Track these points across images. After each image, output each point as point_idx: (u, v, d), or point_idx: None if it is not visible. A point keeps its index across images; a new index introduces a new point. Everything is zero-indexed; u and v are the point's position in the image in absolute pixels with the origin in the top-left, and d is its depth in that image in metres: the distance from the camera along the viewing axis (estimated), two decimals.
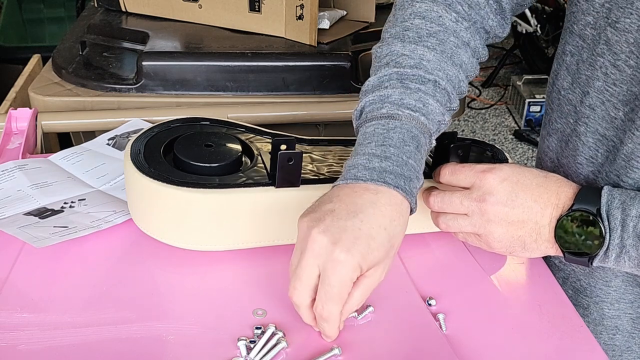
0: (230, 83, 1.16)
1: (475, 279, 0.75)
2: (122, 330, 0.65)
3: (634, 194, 0.61)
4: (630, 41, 0.64)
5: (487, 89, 3.57)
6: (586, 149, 0.72)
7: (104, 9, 1.40)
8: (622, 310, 0.77)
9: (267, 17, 1.25)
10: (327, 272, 0.58)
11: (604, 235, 0.61)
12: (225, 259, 0.75)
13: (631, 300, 0.76)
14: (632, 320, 0.77)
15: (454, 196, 0.67)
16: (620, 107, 0.67)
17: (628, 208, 0.60)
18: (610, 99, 0.68)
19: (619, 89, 0.67)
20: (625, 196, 0.61)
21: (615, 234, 0.60)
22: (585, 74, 0.70)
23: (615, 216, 0.61)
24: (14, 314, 0.66)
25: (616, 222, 0.60)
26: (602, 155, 0.71)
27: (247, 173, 0.74)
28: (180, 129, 0.80)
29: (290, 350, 0.63)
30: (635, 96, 0.65)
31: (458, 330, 0.67)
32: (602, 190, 0.63)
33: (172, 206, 0.71)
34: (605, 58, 0.67)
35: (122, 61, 1.25)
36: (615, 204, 0.61)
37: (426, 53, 0.69)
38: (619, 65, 0.66)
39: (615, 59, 0.66)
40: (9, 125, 1.01)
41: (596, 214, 0.61)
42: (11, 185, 0.84)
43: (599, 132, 0.70)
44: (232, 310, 0.68)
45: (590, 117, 0.71)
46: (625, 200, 0.61)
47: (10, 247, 0.75)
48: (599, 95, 0.69)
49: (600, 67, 0.68)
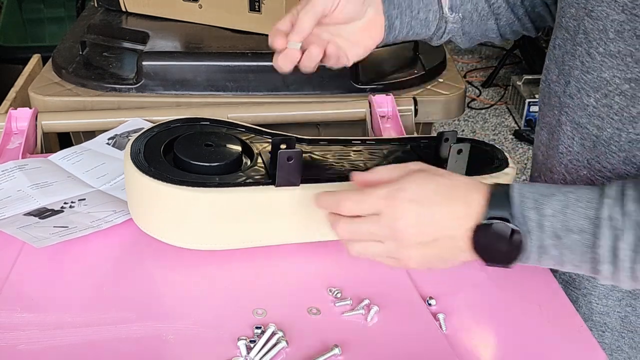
0: (230, 83, 1.16)
1: (475, 279, 0.75)
2: (122, 330, 0.65)
3: (545, 190, 0.60)
4: (600, 28, 0.66)
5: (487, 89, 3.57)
6: (565, 138, 0.74)
7: (104, 9, 1.40)
8: (611, 307, 0.77)
9: (267, 17, 1.25)
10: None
11: (523, 239, 0.59)
12: (225, 258, 0.75)
13: (619, 298, 0.76)
14: (620, 319, 0.77)
15: (363, 225, 0.63)
16: (592, 94, 0.69)
17: (542, 208, 0.59)
18: (584, 87, 0.70)
19: (590, 76, 0.69)
20: (537, 194, 0.60)
21: (533, 235, 0.59)
22: (568, 64, 0.72)
23: (531, 217, 0.59)
24: (14, 314, 0.66)
25: (532, 224, 0.59)
26: (577, 144, 0.72)
27: (247, 172, 0.74)
28: (180, 129, 0.80)
29: (290, 350, 0.63)
30: (606, 81, 0.67)
31: (458, 330, 0.67)
32: (512, 192, 0.61)
33: (172, 206, 0.71)
34: (582, 47, 0.69)
35: (122, 61, 1.25)
36: (529, 204, 0.59)
37: None
38: (592, 52, 0.68)
39: (589, 47, 0.68)
40: (9, 125, 1.01)
41: (511, 218, 0.59)
42: (11, 185, 0.84)
43: (574, 121, 0.72)
44: (232, 310, 0.68)
45: (570, 106, 0.73)
46: (538, 199, 0.59)
47: (10, 247, 0.75)
48: (577, 83, 0.71)
49: (579, 55, 0.70)
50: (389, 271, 0.74)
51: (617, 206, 0.57)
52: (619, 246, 0.56)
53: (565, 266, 0.60)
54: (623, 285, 0.59)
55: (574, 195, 0.59)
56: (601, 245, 0.57)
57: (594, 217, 0.57)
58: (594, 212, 0.57)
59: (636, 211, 0.56)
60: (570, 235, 0.58)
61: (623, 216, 0.56)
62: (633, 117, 0.66)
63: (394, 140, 0.88)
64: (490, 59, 3.82)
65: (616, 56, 0.65)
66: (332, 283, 0.72)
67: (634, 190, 0.57)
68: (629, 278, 0.57)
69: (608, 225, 0.56)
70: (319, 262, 0.75)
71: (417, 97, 1.16)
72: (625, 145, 0.67)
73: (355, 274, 0.73)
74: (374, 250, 0.64)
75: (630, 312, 0.77)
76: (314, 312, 0.68)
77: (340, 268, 0.73)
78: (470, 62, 3.79)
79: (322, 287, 0.72)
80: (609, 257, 0.57)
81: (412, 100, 1.14)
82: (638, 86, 0.64)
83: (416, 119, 1.15)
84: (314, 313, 0.68)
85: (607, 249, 0.57)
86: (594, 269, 0.58)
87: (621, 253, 0.56)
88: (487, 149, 0.86)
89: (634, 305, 0.77)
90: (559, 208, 0.58)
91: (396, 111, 1.08)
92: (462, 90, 1.22)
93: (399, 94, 1.16)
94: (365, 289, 0.71)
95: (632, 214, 0.56)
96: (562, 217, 0.58)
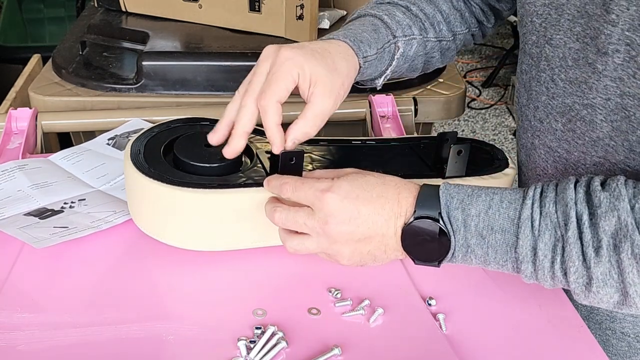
0: (230, 83, 1.16)
1: (475, 279, 0.75)
2: (122, 330, 0.65)
3: (471, 190, 0.61)
4: (560, 56, 0.68)
5: (487, 89, 3.57)
6: (540, 160, 0.75)
7: (104, 9, 1.40)
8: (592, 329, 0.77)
9: (267, 17, 1.25)
10: (272, 66, 0.68)
11: (449, 238, 0.61)
12: (225, 259, 0.75)
13: (598, 322, 0.78)
14: (602, 342, 0.78)
15: (298, 215, 0.65)
16: (559, 119, 0.71)
17: (467, 207, 0.60)
18: (552, 112, 0.71)
19: (556, 102, 0.70)
20: (463, 194, 0.61)
21: (458, 235, 0.60)
22: (535, 90, 0.74)
23: (456, 217, 0.60)
24: (14, 314, 0.66)
25: (458, 224, 0.60)
26: (551, 166, 0.74)
27: (247, 173, 0.74)
28: (180, 129, 0.80)
29: (290, 350, 0.63)
30: (569, 107, 0.69)
31: (458, 330, 0.67)
32: (440, 192, 0.62)
33: (172, 206, 0.71)
34: (546, 73, 0.71)
35: (122, 61, 1.25)
36: (454, 204, 0.61)
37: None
38: (555, 78, 0.70)
39: (552, 74, 0.70)
40: (9, 125, 1.01)
41: (438, 218, 0.61)
42: (11, 186, 0.84)
43: (546, 144, 0.74)
44: (232, 310, 0.68)
45: (540, 129, 0.74)
46: (464, 199, 0.61)
47: (10, 247, 0.75)
48: (544, 108, 0.72)
49: (544, 82, 0.72)
50: (389, 272, 0.74)
51: (537, 207, 0.58)
52: (539, 246, 0.58)
53: (490, 265, 0.61)
54: (545, 284, 0.60)
55: (498, 197, 0.60)
56: (522, 245, 0.58)
57: (516, 217, 0.59)
58: (515, 213, 0.59)
59: (555, 212, 0.58)
60: (494, 234, 0.59)
61: (542, 217, 0.58)
62: (594, 141, 0.67)
63: (394, 141, 0.88)
64: (490, 59, 3.82)
65: (574, 82, 0.67)
66: (332, 283, 0.72)
67: (554, 191, 0.59)
68: (550, 278, 0.59)
69: (528, 226, 0.58)
70: (319, 262, 0.75)
71: (417, 97, 1.16)
72: (591, 168, 0.68)
73: (355, 275, 0.73)
74: (307, 245, 0.65)
75: (610, 335, 0.78)
76: (314, 313, 0.68)
77: (340, 269, 0.73)
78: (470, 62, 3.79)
79: (322, 288, 0.72)
80: (529, 257, 0.58)
81: (412, 100, 1.14)
82: (594, 112, 0.65)
83: (416, 119, 1.15)
84: (314, 313, 0.68)
85: (527, 249, 0.58)
86: (516, 268, 0.60)
87: (540, 253, 0.58)
88: (487, 149, 0.86)
89: (613, 329, 0.77)
90: (483, 208, 0.60)
91: (396, 111, 1.08)
92: (462, 90, 1.22)
93: (399, 94, 1.16)
94: (365, 290, 0.71)
95: (551, 215, 0.58)
96: (485, 217, 0.60)
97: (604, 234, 0.55)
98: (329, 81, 0.68)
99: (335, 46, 0.71)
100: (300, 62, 0.67)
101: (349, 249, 0.64)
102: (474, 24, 0.86)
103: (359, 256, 0.64)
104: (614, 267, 0.55)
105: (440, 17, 0.82)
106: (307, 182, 0.65)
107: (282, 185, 0.67)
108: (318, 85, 0.67)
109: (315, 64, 0.67)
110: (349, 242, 0.63)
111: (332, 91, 0.68)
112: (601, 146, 0.66)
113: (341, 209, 0.62)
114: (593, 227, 0.56)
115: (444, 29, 0.82)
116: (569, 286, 0.58)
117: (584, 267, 0.56)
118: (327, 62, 0.69)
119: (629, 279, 0.54)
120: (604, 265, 0.55)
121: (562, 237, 0.57)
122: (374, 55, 0.75)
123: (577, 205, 0.57)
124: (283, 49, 0.68)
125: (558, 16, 0.67)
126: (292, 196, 0.66)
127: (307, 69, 0.67)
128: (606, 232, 0.55)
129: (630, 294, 0.55)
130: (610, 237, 0.55)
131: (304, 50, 0.68)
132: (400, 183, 0.65)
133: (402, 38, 0.78)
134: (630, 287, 0.55)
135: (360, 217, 0.62)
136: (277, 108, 0.67)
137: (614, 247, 0.55)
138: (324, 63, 0.68)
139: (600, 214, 0.56)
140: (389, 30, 0.77)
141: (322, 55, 0.69)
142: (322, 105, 0.68)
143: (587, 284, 0.57)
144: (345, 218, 0.62)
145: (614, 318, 0.77)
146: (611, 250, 0.55)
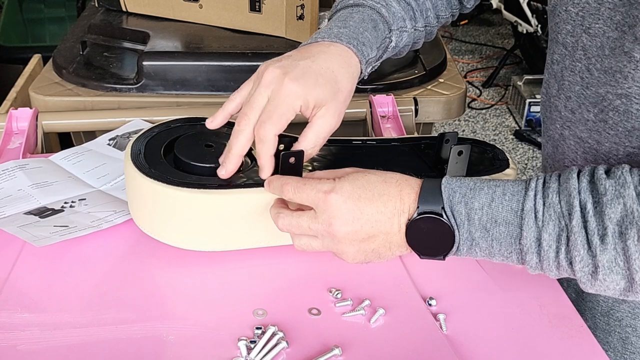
0: (230, 83, 1.16)
1: (476, 279, 0.75)
2: (122, 330, 0.65)
3: (473, 184, 0.62)
4: (598, 45, 0.67)
5: (487, 89, 3.57)
6: (570, 152, 0.75)
7: (104, 9, 1.40)
8: (612, 327, 0.78)
9: (267, 17, 1.25)
10: (274, 94, 0.67)
11: (453, 232, 0.61)
12: (225, 259, 0.75)
13: (619, 318, 0.77)
14: (622, 340, 0.77)
15: (302, 219, 0.65)
16: (591, 109, 0.70)
17: (470, 201, 0.61)
18: (584, 102, 0.71)
19: (589, 92, 0.70)
20: (465, 188, 0.61)
21: (462, 229, 0.61)
22: (568, 80, 0.73)
23: (460, 211, 0.61)
24: (14, 314, 0.66)
25: (462, 218, 0.61)
26: (581, 157, 0.73)
27: (247, 173, 0.74)
28: (181, 129, 0.80)
29: (290, 350, 0.63)
30: (602, 97, 0.68)
31: (458, 330, 0.67)
32: (442, 186, 0.62)
33: (173, 206, 0.71)
34: (582, 63, 0.70)
35: (122, 61, 1.25)
36: (457, 198, 0.61)
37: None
38: (590, 68, 0.69)
39: (588, 63, 0.69)
40: (10, 125, 1.01)
41: (441, 213, 0.61)
42: (12, 185, 0.84)
43: (577, 135, 0.73)
44: (232, 311, 0.68)
45: (572, 120, 0.74)
46: (466, 192, 0.61)
47: (10, 247, 0.75)
48: (577, 99, 0.72)
49: (579, 71, 0.71)
50: (389, 272, 0.74)
51: (539, 198, 0.59)
52: (543, 237, 0.58)
53: (495, 257, 0.62)
54: (550, 274, 0.60)
55: (500, 189, 0.61)
56: (526, 237, 0.58)
57: (519, 209, 0.59)
58: (518, 205, 0.59)
59: (558, 202, 0.58)
60: (497, 227, 0.60)
61: (545, 207, 0.58)
62: (628, 131, 0.67)
63: (395, 141, 0.88)
64: (491, 59, 3.82)
65: (609, 72, 0.67)
66: (333, 284, 0.72)
67: (556, 182, 0.59)
68: (555, 267, 0.59)
69: (532, 217, 0.58)
70: (319, 262, 0.75)
71: (418, 97, 1.16)
72: (624, 159, 0.68)
73: (356, 275, 0.73)
74: (313, 245, 0.66)
75: (630, 333, 0.78)
76: (315, 313, 0.68)
77: (341, 269, 0.73)
78: (470, 62, 3.79)
79: (322, 288, 0.72)
80: (533, 248, 0.59)
81: (412, 101, 1.14)
82: (629, 102, 0.65)
83: (417, 119, 1.15)
84: (314, 314, 0.68)
85: (531, 240, 0.58)
86: (521, 259, 0.60)
87: (545, 243, 0.58)
88: (488, 150, 0.86)
89: (634, 326, 0.77)
90: (486, 201, 0.60)
91: (397, 111, 1.08)
92: (462, 91, 1.22)
93: (400, 94, 1.16)
94: (365, 290, 0.71)
95: (554, 205, 0.58)
96: (489, 210, 0.60)
97: (609, 221, 0.55)
98: (332, 105, 0.69)
99: (338, 56, 0.71)
100: (304, 94, 0.67)
101: (353, 249, 0.64)
102: (455, 5, 0.87)
103: (363, 254, 0.65)
104: (619, 254, 0.55)
105: (429, 3, 0.83)
106: (309, 183, 0.65)
107: (283, 186, 0.67)
108: (321, 108, 0.69)
109: (319, 92, 0.68)
110: (354, 242, 0.64)
111: (334, 112, 0.70)
112: (636, 136, 0.66)
113: (344, 209, 0.63)
114: (598, 215, 0.56)
115: (431, 15, 0.83)
116: (575, 275, 0.58)
117: (589, 256, 0.56)
118: (331, 84, 0.69)
119: (635, 265, 0.55)
120: (610, 252, 0.55)
121: (566, 226, 0.57)
122: (374, 56, 0.76)
123: (581, 195, 0.57)
124: (287, 78, 0.67)
125: (598, 5, 0.66)
126: (293, 197, 0.66)
127: (310, 99, 0.67)
128: (612, 219, 0.55)
129: (637, 280, 0.55)
130: (616, 224, 0.55)
131: (307, 80, 0.68)
132: (401, 179, 0.65)
133: (396, 32, 0.79)
134: (636, 273, 0.55)
135: (363, 216, 0.63)
136: (275, 140, 0.68)
137: (620, 234, 0.55)
138: (328, 87, 0.69)
139: (605, 201, 0.56)
140: (386, 25, 0.78)
141: (326, 79, 0.69)
142: (324, 126, 0.69)
143: (593, 272, 0.57)
144: (348, 219, 0.63)
145: (636, 315, 0.77)
146: (617, 237, 0.55)
